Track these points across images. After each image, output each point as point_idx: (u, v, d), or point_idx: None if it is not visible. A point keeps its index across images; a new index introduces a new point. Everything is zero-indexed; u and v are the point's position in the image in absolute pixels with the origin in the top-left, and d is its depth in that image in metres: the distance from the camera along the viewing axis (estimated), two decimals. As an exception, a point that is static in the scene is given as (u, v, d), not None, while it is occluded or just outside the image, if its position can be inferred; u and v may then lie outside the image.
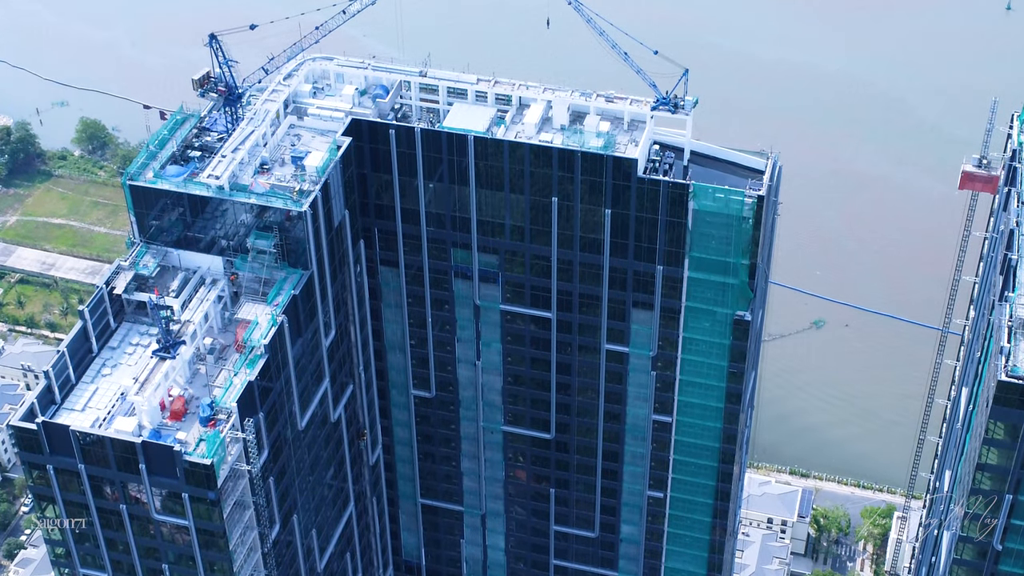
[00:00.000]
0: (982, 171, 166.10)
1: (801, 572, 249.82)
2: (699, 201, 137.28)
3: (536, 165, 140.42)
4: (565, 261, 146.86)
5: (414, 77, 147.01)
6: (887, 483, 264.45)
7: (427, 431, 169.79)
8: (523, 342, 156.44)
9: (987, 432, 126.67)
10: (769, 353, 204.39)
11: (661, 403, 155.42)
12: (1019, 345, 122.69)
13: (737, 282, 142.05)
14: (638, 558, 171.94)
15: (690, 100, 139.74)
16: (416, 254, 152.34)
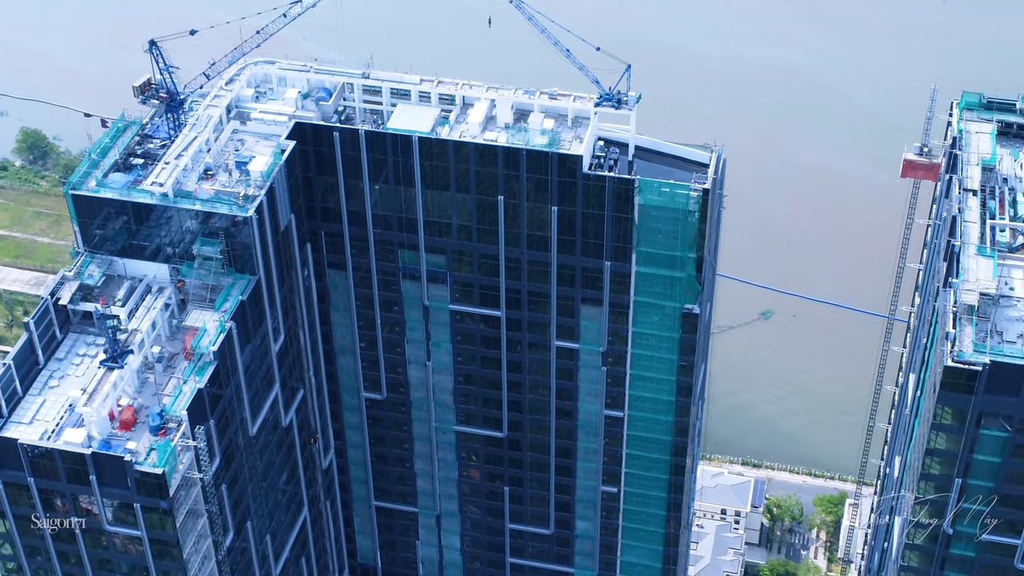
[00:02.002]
0: (923, 159, 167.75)
1: (756, 562, 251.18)
2: (645, 196, 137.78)
3: (481, 164, 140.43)
4: (513, 259, 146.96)
5: (357, 79, 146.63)
6: (838, 471, 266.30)
7: (379, 433, 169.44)
8: (473, 341, 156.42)
9: (935, 417, 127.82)
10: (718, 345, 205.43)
11: (612, 398, 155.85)
12: (964, 330, 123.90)
13: (684, 276, 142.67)
14: (593, 553, 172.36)
15: (633, 95, 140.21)
16: (363, 256, 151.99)
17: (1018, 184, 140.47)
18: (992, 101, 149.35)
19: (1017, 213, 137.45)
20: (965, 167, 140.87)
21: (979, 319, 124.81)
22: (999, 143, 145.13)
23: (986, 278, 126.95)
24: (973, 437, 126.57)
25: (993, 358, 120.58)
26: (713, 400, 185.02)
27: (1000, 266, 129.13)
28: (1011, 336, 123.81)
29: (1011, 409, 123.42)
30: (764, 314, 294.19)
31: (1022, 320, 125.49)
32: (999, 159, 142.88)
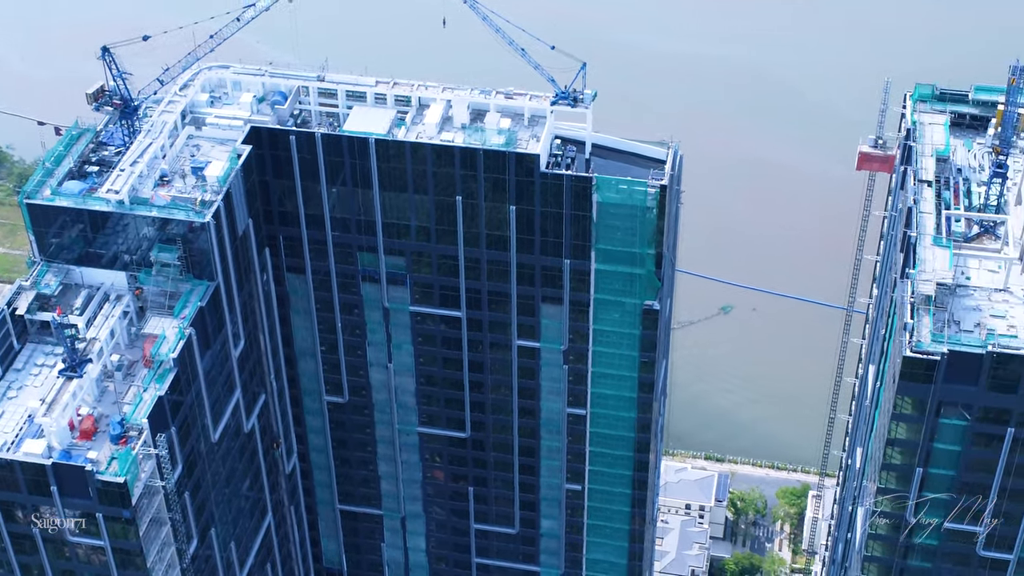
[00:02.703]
0: (878, 151, 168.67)
1: (720, 555, 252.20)
2: (602, 193, 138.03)
3: (439, 165, 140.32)
4: (472, 259, 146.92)
5: (312, 82, 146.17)
6: (801, 463, 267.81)
7: (342, 436, 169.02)
8: (434, 342, 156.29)
9: (895, 408, 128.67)
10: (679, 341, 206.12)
11: (575, 396, 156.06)
12: (922, 320, 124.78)
13: (644, 272, 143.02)
14: (559, 552, 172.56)
15: (589, 93, 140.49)
16: (322, 259, 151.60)
17: (972, 174, 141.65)
18: (945, 92, 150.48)
19: (972, 203, 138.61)
20: (920, 158, 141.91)
21: (936, 309, 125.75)
22: (952, 134, 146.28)
23: (942, 268, 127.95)
24: (933, 426, 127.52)
25: (951, 347, 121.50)
26: (675, 395, 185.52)
27: (956, 256, 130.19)
28: (968, 325, 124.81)
29: (970, 397, 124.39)
30: (724, 309, 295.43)
31: (979, 309, 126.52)
32: (953, 150, 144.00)
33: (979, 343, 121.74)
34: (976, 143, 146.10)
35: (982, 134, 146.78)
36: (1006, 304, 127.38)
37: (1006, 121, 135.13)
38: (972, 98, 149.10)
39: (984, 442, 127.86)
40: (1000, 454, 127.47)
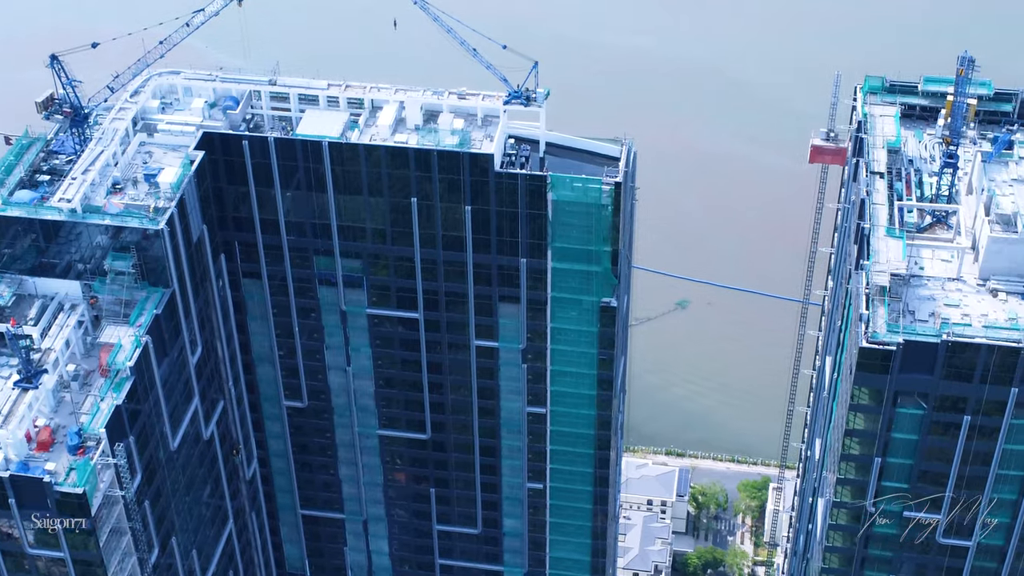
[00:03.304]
0: (830, 144, 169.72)
1: (683, 550, 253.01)
2: (557, 192, 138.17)
3: (393, 166, 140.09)
4: (429, 260, 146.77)
5: (264, 86, 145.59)
6: (761, 456, 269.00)
7: (302, 441, 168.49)
8: (392, 344, 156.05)
9: (852, 398, 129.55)
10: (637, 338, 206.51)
11: (534, 395, 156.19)
12: (877, 311, 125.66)
13: (600, 269, 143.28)
14: (522, 550, 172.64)
15: (542, 92, 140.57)
16: (278, 264, 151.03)
17: (924, 165, 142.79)
18: (895, 84, 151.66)
19: (924, 194, 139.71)
20: (871, 150, 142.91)
21: (891, 299, 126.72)
22: (903, 125, 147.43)
23: (896, 259, 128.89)
24: (890, 416, 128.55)
25: (906, 337, 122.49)
26: (634, 392, 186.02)
27: (909, 246, 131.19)
28: (923, 315, 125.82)
29: (926, 387, 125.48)
30: (680, 304, 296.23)
31: (933, 299, 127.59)
32: (904, 141, 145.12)
33: (934, 332, 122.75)
34: (927, 134, 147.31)
35: (932, 125, 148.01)
36: (959, 293, 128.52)
37: (955, 112, 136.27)
38: (922, 89, 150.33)
39: (941, 430, 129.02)
40: (957, 442, 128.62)
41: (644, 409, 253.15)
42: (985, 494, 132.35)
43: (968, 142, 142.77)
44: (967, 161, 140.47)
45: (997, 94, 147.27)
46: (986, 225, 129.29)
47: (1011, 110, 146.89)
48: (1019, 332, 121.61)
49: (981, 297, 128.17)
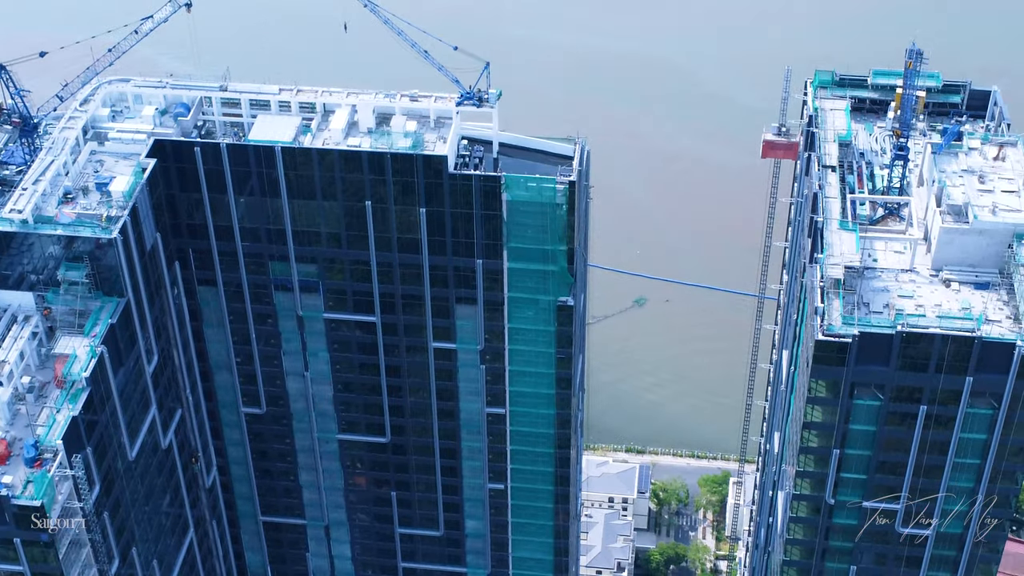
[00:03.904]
0: (782, 139, 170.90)
1: (646, 546, 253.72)
2: (512, 192, 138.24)
3: (347, 170, 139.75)
4: (385, 264, 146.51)
5: (214, 92, 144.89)
6: (721, 451, 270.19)
7: (262, 448, 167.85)
8: (350, 348, 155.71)
9: (810, 391, 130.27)
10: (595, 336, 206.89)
11: (493, 395, 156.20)
12: (832, 304, 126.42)
13: (557, 268, 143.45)
14: (485, 551, 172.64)
15: (494, 92, 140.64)
16: (233, 270, 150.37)
17: (875, 158, 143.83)
18: (844, 78, 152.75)
19: (875, 186, 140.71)
20: (823, 144, 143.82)
21: (846, 292, 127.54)
22: (854, 119, 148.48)
23: (850, 252, 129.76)
24: (848, 408, 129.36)
25: (862, 329, 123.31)
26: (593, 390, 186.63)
27: (862, 239, 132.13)
28: (877, 307, 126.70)
29: (882, 378, 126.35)
30: (637, 301, 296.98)
31: (887, 290, 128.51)
32: (855, 134, 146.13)
33: (889, 324, 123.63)
34: (877, 127, 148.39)
35: (882, 118, 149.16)
36: (913, 284, 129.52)
37: (905, 104, 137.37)
38: (871, 83, 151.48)
39: (898, 421, 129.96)
40: (914, 432, 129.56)
41: (604, 407, 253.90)
42: (943, 483, 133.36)
43: (918, 134, 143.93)
44: (917, 153, 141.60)
45: (946, 86, 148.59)
46: (937, 216, 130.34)
47: (960, 101, 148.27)
48: (972, 321, 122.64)
49: (934, 287, 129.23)
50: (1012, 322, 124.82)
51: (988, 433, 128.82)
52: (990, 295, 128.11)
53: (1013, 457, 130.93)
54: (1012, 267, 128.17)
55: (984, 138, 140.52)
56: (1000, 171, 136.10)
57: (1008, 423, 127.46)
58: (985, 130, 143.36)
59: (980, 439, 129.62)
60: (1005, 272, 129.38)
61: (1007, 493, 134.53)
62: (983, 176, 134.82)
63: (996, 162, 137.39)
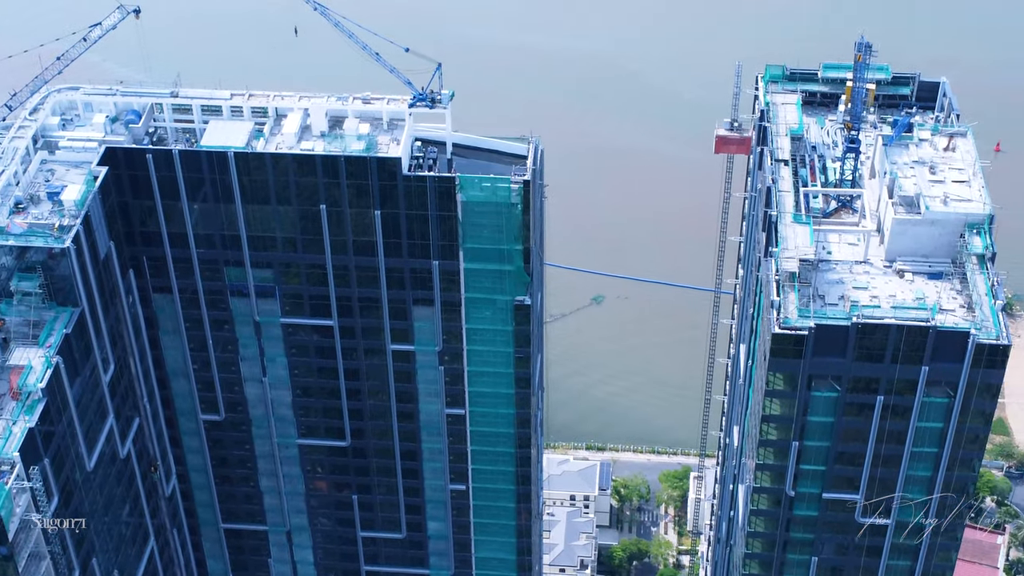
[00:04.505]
0: (734, 134, 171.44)
1: (608, 543, 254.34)
2: (466, 192, 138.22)
3: (300, 174, 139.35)
4: (341, 267, 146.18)
5: (165, 99, 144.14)
6: (680, 446, 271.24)
7: (221, 454, 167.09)
8: (308, 353, 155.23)
9: (768, 384, 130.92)
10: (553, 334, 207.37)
11: (452, 396, 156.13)
12: (788, 297, 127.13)
13: (513, 268, 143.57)
14: (448, 553, 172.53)
15: (446, 93, 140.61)
16: (189, 277, 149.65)
17: (827, 151, 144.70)
18: (795, 72, 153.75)
19: (828, 179, 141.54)
20: (775, 138, 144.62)
21: (801, 285, 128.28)
22: (805, 112, 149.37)
23: (804, 245, 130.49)
24: (805, 400, 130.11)
25: (817, 321, 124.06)
26: (552, 389, 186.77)
27: (816, 232, 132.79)
28: (833, 299, 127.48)
29: (839, 369, 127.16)
30: (595, 299, 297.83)
31: (842, 282, 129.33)
32: (806, 128, 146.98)
33: (844, 315, 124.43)
34: (828, 120, 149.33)
35: (833, 111, 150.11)
36: (867, 276, 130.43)
37: (855, 97, 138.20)
38: (821, 76, 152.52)
39: (855, 411, 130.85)
40: (871, 422, 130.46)
41: (563, 405, 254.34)
42: (901, 472, 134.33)
43: (869, 126, 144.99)
44: (869, 145, 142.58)
45: (895, 78, 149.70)
46: (890, 208, 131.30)
47: (909, 93, 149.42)
48: (926, 311, 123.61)
49: (888, 278, 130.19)
50: (965, 311, 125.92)
51: (944, 422, 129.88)
52: (943, 285, 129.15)
53: (969, 445, 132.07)
54: (964, 257, 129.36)
55: (934, 129, 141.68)
56: (950, 162, 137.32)
57: (964, 411, 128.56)
58: (935, 121, 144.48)
59: (937, 428, 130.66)
60: (957, 262, 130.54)
61: (964, 480, 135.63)
62: (934, 167, 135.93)
63: (946, 153, 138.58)
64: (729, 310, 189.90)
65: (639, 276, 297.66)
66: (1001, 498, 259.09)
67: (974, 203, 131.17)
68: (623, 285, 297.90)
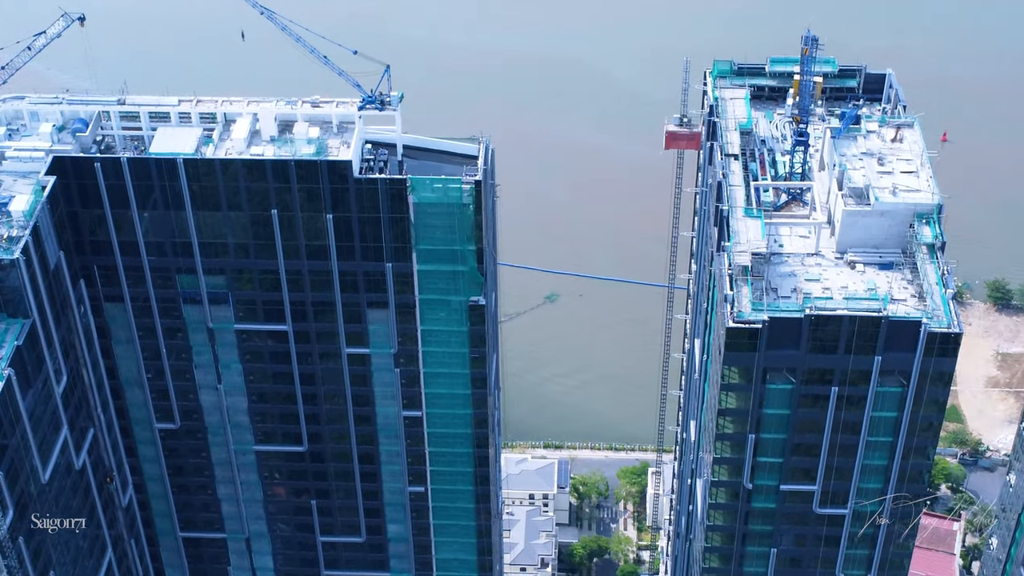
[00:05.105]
0: (684, 129, 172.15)
1: (568, 541, 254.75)
2: (418, 194, 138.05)
3: (251, 180, 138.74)
4: (294, 272, 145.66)
5: (113, 106, 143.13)
6: (638, 442, 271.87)
7: (177, 463, 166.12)
8: (263, 359, 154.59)
9: (723, 378, 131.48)
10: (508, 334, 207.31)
11: (409, 399, 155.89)
12: (741, 291, 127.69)
13: (466, 268, 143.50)
14: (408, 555, 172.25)
15: (396, 95, 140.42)
16: (140, 286, 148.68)
17: (776, 144, 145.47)
18: (743, 67, 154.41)
19: (778, 172, 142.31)
20: (724, 133, 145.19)
21: (754, 278, 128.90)
22: (754, 107, 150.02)
23: (756, 238, 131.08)
24: (761, 393, 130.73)
25: (771, 314, 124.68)
26: (509, 388, 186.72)
27: (768, 225, 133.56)
28: (785, 291, 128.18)
29: (793, 361, 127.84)
30: (549, 297, 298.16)
31: (794, 275, 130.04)
32: (755, 122, 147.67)
33: (797, 308, 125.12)
34: (777, 114, 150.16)
35: (782, 105, 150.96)
36: (819, 268, 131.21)
37: (803, 90, 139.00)
38: (769, 70, 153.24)
39: (811, 403, 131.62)
40: (827, 413, 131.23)
41: (520, 404, 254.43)
42: (857, 462, 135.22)
43: (817, 119, 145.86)
44: (817, 138, 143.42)
45: (842, 71, 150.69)
46: (840, 200, 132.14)
47: (856, 85, 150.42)
48: (878, 302, 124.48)
49: (840, 270, 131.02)
50: (917, 300, 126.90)
51: (898, 410, 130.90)
52: (894, 275, 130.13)
53: (924, 433, 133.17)
54: (914, 246, 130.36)
55: (881, 121, 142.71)
56: (898, 152, 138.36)
57: (917, 400, 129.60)
58: (882, 113, 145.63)
59: (891, 417, 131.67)
60: (908, 251, 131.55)
61: (920, 468, 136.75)
62: (882, 158, 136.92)
63: (894, 144, 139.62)
64: (683, 305, 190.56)
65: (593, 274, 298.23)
66: (956, 485, 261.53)
67: (922, 193, 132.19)
68: (577, 283, 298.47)
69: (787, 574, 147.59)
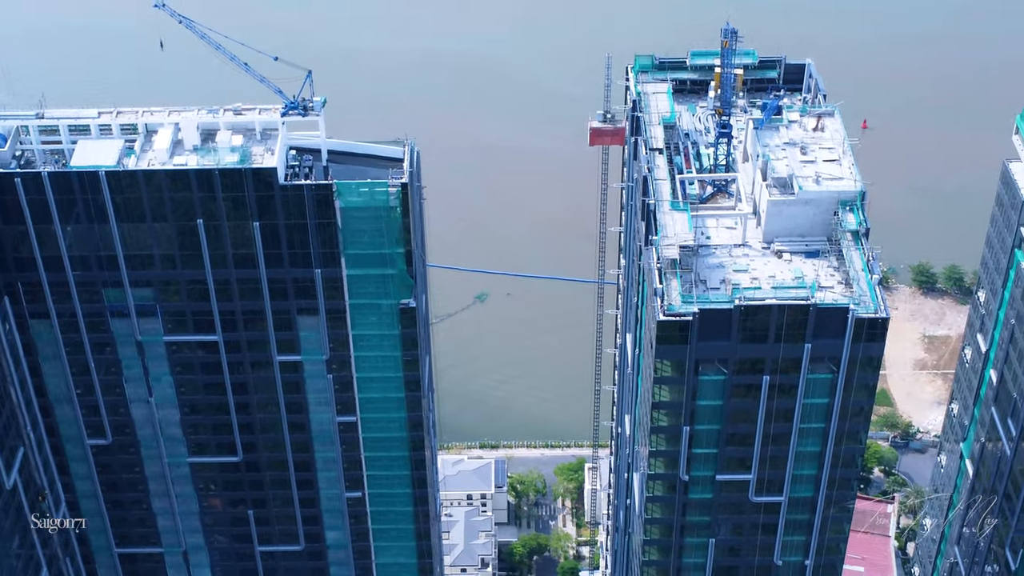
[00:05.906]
0: (608, 125, 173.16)
1: (508, 540, 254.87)
2: (344, 199, 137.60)
3: (175, 190, 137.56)
4: (222, 281, 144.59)
5: (31, 120, 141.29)
6: (574, 438, 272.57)
7: (111, 479, 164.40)
8: (193, 370, 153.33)
9: (656, 371, 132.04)
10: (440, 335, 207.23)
11: (343, 404, 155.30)
12: (670, 284, 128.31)
13: (396, 271, 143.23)
14: (348, 562, 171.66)
15: (318, 100, 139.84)
16: (66, 301, 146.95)
17: (700, 137, 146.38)
18: (664, 61, 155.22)
19: (703, 165, 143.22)
20: (648, 128, 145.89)
21: (683, 271, 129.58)
22: (676, 100, 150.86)
23: (683, 231, 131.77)
24: (694, 384, 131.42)
25: (701, 306, 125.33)
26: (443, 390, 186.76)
27: (695, 217, 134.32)
28: (714, 283, 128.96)
29: (724, 352, 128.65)
30: (479, 297, 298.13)
31: (722, 266, 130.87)
32: (678, 116, 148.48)
33: (726, 299, 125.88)
34: (699, 107, 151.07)
35: (704, 98, 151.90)
36: (747, 258, 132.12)
37: (724, 83, 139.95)
38: (690, 64, 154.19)
39: (743, 393, 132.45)
40: (759, 402, 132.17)
41: (454, 405, 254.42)
42: (791, 449, 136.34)
43: (739, 111, 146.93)
44: (740, 130, 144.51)
45: (762, 62, 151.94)
46: (764, 190, 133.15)
47: (776, 76, 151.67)
48: (806, 290, 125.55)
49: (767, 260, 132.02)
50: (844, 287, 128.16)
51: (830, 396, 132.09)
52: (821, 263, 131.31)
53: (855, 418, 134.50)
54: (839, 234, 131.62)
55: (802, 110, 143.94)
56: (820, 141, 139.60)
57: (847, 385, 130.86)
58: (803, 102, 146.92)
59: (823, 403, 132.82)
60: (833, 239, 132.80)
61: (852, 453, 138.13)
62: (805, 147, 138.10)
63: (816, 133, 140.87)
64: (614, 300, 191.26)
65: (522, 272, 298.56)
66: (888, 468, 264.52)
67: (845, 181, 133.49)
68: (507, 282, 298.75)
69: (726, 563, 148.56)
